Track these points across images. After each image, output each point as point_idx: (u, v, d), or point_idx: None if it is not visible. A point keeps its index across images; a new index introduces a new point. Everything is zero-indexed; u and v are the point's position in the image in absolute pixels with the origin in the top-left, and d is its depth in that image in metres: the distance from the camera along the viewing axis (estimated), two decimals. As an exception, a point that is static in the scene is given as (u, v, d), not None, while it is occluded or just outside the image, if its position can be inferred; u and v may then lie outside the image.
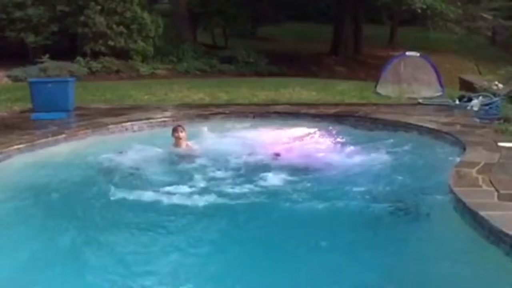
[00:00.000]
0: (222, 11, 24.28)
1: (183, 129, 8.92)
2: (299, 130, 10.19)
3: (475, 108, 11.42)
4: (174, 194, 6.78)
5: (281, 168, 7.92)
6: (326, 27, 28.95)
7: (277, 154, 8.63)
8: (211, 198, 6.69)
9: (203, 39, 25.89)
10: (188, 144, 8.88)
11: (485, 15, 27.95)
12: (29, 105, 12.03)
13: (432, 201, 6.41)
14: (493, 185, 6.18)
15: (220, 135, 9.87)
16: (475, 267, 4.78)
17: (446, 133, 9.31)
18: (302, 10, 31.04)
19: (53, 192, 7.01)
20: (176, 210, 6.38)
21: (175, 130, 8.90)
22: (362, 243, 5.49)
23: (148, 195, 6.74)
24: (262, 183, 7.26)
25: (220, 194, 6.83)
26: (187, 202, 6.57)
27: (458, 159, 7.53)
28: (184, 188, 7.00)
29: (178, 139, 8.79)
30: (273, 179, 7.42)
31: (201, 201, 6.60)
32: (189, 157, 8.51)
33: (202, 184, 7.20)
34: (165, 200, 6.61)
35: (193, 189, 7.02)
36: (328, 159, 8.39)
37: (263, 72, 21.93)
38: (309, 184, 7.26)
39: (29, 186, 7.25)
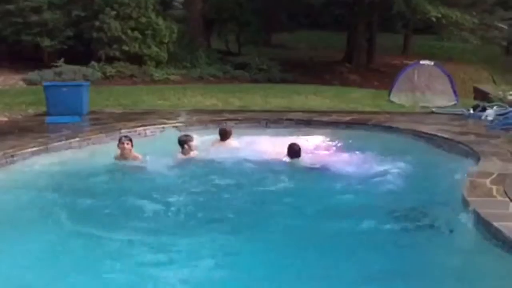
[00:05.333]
0: (236, 18, 24.34)
1: (192, 138, 8.90)
2: (313, 137, 10.13)
3: (490, 118, 11.36)
4: (183, 200, 6.83)
5: (295, 174, 7.95)
6: (340, 35, 28.93)
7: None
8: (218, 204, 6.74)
9: (217, 45, 25.96)
10: (194, 152, 8.84)
11: (500, 25, 27.75)
12: (44, 109, 12.13)
13: (445, 211, 6.37)
14: (507, 196, 6.13)
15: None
16: (490, 277, 4.74)
17: (460, 142, 9.25)
18: (316, 18, 31.06)
19: (62, 194, 7.10)
20: (184, 217, 6.42)
21: (185, 141, 8.79)
22: (373, 253, 5.46)
23: (157, 202, 6.77)
24: (272, 188, 7.30)
25: (226, 202, 6.90)
26: (195, 209, 6.60)
27: (472, 169, 7.47)
28: (194, 195, 7.06)
29: (188, 149, 8.73)
30: (287, 185, 7.46)
31: (209, 207, 6.66)
32: (196, 164, 8.50)
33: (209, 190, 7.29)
34: (174, 207, 6.65)
35: (203, 194, 7.07)
36: (341, 166, 8.35)
37: (276, 79, 21.90)
38: (321, 192, 7.27)
39: (40, 188, 7.34)
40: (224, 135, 9.53)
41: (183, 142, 8.76)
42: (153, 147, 9.26)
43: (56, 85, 13.18)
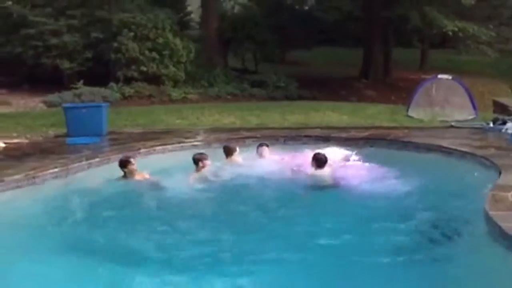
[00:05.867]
0: (252, 36, 24.51)
1: (206, 156, 8.92)
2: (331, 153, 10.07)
3: (510, 131, 11.24)
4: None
5: (315, 189, 7.92)
6: (356, 51, 28.94)
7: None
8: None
9: (233, 64, 26.12)
10: (207, 169, 8.81)
11: (518, 37, 27.61)
12: (64, 130, 12.25)
13: (467, 225, 6.30)
14: (530, 209, 6.04)
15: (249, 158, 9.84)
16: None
17: (481, 156, 9.15)
18: (331, 35, 31.13)
19: (83, 217, 7.13)
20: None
21: (199, 159, 8.79)
22: (392, 267, 5.40)
23: (170, 221, 6.79)
24: (286, 206, 7.33)
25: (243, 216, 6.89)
26: (208, 230, 6.58)
27: (493, 183, 7.38)
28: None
29: (201, 167, 8.73)
30: (302, 202, 7.49)
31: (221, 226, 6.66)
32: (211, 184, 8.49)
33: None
34: (187, 226, 6.65)
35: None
36: (360, 182, 8.31)
37: (293, 96, 21.96)
38: (340, 206, 7.24)
39: (62, 209, 7.40)
40: (228, 153, 9.59)
41: (198, 160, 8.80)
42: (171, 166, 9.30)
43: (75, 107, 13.34)
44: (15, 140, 11.67)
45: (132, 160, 8.73)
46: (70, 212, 7.28)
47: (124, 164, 8.62)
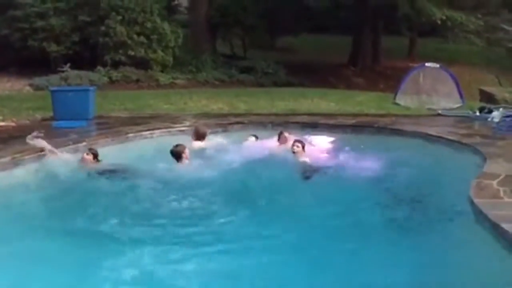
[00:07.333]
0: (240, 22, 24.40)
1: (184, 147, 8.73)
2: (318, 139, 10.11)
3: (496, 120, 11.33)
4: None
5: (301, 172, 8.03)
6: (345, 39, 28.94)
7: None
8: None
9: (222, 50, 26.02)
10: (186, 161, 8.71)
11: (505, 27, 27.70)
12: (50, 114, 12.18)
13: (452, 213, 6.36)
14: (515, 197, 6.11)
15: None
16: (496, 279, 4.73)
17: (466, 144, 9.23)
18: (320, 22, 31.07)
19: (67, 200, 7.13)
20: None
21: (181, 152, 8.50)
22: (377, 255, 5.45)
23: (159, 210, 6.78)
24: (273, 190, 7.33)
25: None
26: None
27: (478, 171, 7.45)
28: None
29: (185, 158, 8.60)
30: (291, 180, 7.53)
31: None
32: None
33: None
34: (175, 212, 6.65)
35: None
36: (346, 168, 8.32)
37: (282, 82, 21.96)
38: (326, 191, 7.29)
39: (46, 191, 7.40)
40: (196, 136, 9.58)
41: (180, 153, 8.49)
42: (157, 151, 9.27)
43: (62, 90, 13.25)
44: (1, 123, 11.58)
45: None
46: (53, 194, 7.25)
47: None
